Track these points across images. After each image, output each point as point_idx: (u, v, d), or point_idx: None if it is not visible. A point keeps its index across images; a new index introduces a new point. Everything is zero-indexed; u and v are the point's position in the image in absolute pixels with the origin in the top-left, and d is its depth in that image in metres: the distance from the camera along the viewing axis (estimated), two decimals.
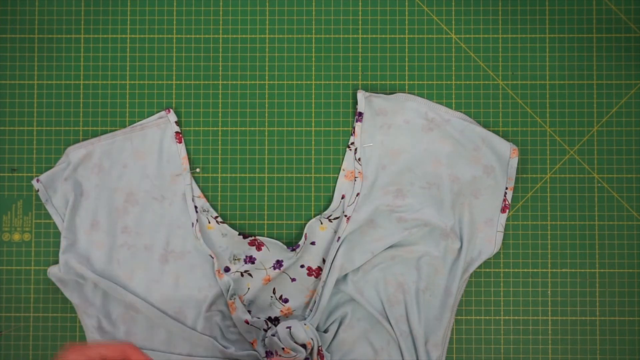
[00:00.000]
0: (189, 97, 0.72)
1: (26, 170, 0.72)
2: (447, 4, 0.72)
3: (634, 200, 0.72)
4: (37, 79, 0.72)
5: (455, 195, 0.69)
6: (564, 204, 0.72)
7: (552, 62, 0.72)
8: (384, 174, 0.70)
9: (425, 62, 0.72)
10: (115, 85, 0.72)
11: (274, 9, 0.72)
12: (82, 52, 0.72)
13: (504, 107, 0.72)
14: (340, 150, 0.72)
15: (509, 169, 0.69)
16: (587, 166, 0.72)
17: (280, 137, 0.72)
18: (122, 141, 0.70)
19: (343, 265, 0.68)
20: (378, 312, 0.68)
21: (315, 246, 0.70)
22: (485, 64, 0.72)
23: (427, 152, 0.70)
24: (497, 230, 0.69)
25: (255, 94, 0.72)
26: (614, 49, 0.72)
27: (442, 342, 0.68)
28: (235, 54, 0.72)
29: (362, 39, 0.72)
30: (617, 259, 0.71)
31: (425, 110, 0.70)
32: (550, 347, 0.71)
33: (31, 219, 0.72)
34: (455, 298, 0.69)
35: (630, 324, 0.71)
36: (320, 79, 0.72)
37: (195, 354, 0.68)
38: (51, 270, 0.69)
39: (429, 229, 0.69)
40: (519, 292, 0.71)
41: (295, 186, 0.72)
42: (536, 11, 0.72)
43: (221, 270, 0.69)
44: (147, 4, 0.72)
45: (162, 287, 0.69)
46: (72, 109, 0.72)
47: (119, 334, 0.69)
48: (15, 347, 0.71)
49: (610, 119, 0.72)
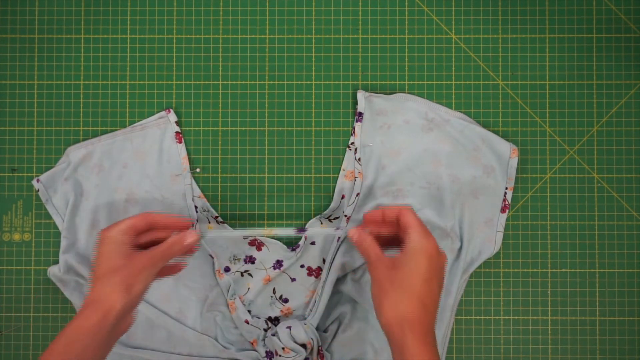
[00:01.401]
0: (189, 97, 0.72)
1: (26, 170, 0.72)
2: (447, 4, 0.72)
3: (634, 200, 0.72)
4: (37, 79, 0.72)
5: (455, 195, 0.69)
6: (564, 204, 0.72)
7: (552, 62, 0.72)
8: (384, 174, 0.70)
9: (425, 62, 0.72)
10: (115, 85, 0.72)
11: (274, 9, 0.72)
12: (82, 52, 0.72)
13: (504, 107, 0.72)
14: (340, 150, 0.72)
15: (508, 169, 0.69)
16: (587, 166, 0.72)
17: (280, 137, 0.72)
18: (122, 141, 0.70)
19: (343, 265, 0.68)
20: None
21: (315, 246, 0.70)
22: (485, 64, 0.72)
23: (427, 152, 0.70)
24: (497, 230, 0.69)
25: (255, 94, 0.72)
26: (614, 49, 0.72)
27: (442, 342, 0.68)
28: (235, 54, 0.72)
29: (362, 39, 0.72)
30: (617, 259, 0.71)
31: (425, 110, 0.70)
32: (550, 347, 0.71)
33: (31, 219, 0.72)
34: (455, 298, 0.69)
35: (630, 324, 0.71)
36: (320, 79, 0.72)
37: (195, 354, 0.68)
38: (51, 270, 0.69)
39: (429, 229, 0.69)
40: (518, 292, 0.71)
41: (295, 186, 0.72)
42: (536, 11, 0.72)
43: (221, 270, 0.69)
44: (147, 4, 0.72)
45: (162, 287, 0.69)
46: (72, 109, 0.72)
47: None
48: (15, 347, 0.71)
49: (610, 119, 0.72)
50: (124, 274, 0.55)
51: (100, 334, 0.53)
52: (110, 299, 0.54)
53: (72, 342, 0.52)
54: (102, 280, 0.55)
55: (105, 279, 0.55)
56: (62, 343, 0.52)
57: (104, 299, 0.54)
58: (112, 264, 0.55)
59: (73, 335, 0.53)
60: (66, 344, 0.52)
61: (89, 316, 0.53)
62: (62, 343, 0.52)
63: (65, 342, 0.52)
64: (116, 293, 0.54)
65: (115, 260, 0.56)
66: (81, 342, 0.52)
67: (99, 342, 0.53)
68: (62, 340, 0.52)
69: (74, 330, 0.53)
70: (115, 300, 0.54)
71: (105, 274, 0.55)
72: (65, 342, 0.52)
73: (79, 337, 0.52)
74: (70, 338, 0.53)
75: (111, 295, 0.54)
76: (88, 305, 0.54)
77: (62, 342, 0.52)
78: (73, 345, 0.52)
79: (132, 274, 0.55)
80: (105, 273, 0.55)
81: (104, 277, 0.55)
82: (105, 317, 0.53)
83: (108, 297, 0.54)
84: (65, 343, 0.52)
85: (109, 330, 0.54)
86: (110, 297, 0.54)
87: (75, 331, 0.53)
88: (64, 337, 0.53)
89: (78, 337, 0.52)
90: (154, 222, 0.59)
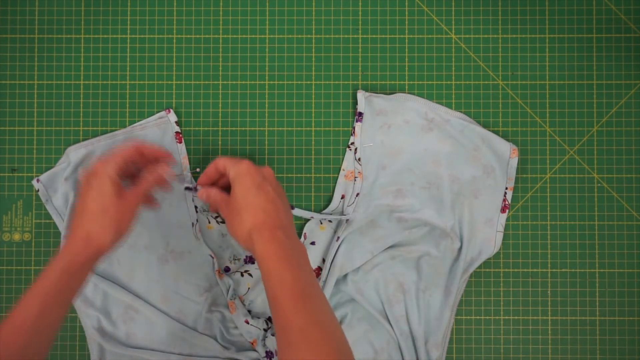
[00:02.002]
0: (189, 97, 0.72)
1: (26, 170, 0.72)
2: (447, 4, 0.72)
3: (634, 200, 0.72)
4: (37, 79, 0.72)
5: (455, 195, 0.69)
6: (564, 204, 0.72)
7: (552, 62, 0.72)
8: (384, 174, 0.70)
9: (425, 62, 0.72)
10: (115, 85, 0.72)
11: (274, 9, 0.72)
12: (82, 52, 0.72)
13: (504, 107, 0.72)
14: (340, 150, 0.72)
15: (508, 169, 0.69)
16: (587, 166, 0.72)
17: (280, 137, 0.72)
18: (123, 141, 0.70)
19: (343, 265, 0.68)
20: (378, 312, 0.68)
21: (315, 246, 0.70)
22: (485, 64, 0.72)
23: (427, 152, 0.70)
24: (497, 230, 0.69)
25: (255, 94, 0.72)
26: (614, 49, 0.72)
27: (442, 342, 0.68)
28: (235, 54, 0.72)
29: (362, 39, 0.72)
30: (617, 259, 0.71)
31: (425, 111, 0.70)
32: (550, 347, 0.71)
33: (31, 219, 0.72)
34: (455, 298, 0.69)
35: (630, 324, 0.71)
36: (320, 79, 0.72)
37: (195, 354, 0.68)
38: None
39: (429, 228, 0.69)
40: (518, 292, 0.71)
41: (295, 186, 0.72)
42: (536, 11, 0.72)
43: (221, 270, 0.69)
44: (147, 4, 0.72)
45: (162, 287, 0.69)
46: (72, 109, 0.72)
47: (119, 334, 0.69)
48: None
49: (610, 119, 0.72)
50: (114, 214, 0.58)
51: (88, 268, 0.58)
52: (102, 237, 0.57)
53: (66, 273, 0.56)
54: (93, 217, 0.58)
55: (97, 217, 0.58)
56: (57, 271, 0.55)
57: (96, 238, 0.57)
58: (105, 201, 0.58)
59: (68, 267, 0.56)
60: (62, 273, 0.56)
61: (82, 252, 0.57)
62: (57, 271, 0.55)
63: (60, 272, 0.56)
64: (107, 233, 0.57)
65: (107, 198, 0.58)
66: (73, 275, 0.56)
67: (84, 276, 0.58)
68: (58, 270, 0.56)
69: (69, 263, 0.56)
70: (107, 240, 0.58)
71: (97, 212, 0.58)
72: (61, 272, 0.55)
73: (72, 270, 0.56)
74: (65, 270, 0.56)
75: (103, 234, 0.57)
76: (80, 241, 0.57)
77: (58, 271, 0.56)
78: (67, 275, 0.56)
79: (121, 214, 0.59)
80: (97, 211, 0.58)
81: (95, 215, 0.58)
82: (96, 254, 0.57)
83: (100, 235, 0.57)
84: (60, 272, 0.56)
85: (94, 265, 0.58)
86: (102, 236, 0.57)
87: (70, 265, 0.56)
88: (59, 269, 0.56)
89: (70, 269, 0.56)
90: (144, 151, 0.62)
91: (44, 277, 0.55)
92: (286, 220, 0.59)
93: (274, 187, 0.60)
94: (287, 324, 0.52)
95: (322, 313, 0.53)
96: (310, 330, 0.51)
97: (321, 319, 0.53)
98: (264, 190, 0.59)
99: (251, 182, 0.59)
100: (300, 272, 0.55)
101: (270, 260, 0.55)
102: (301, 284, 0.54)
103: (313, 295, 0.54)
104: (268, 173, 0.61)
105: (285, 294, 0.54)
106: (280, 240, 0.56)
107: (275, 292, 0.54)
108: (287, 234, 0.57)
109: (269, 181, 0.60)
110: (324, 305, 0.55)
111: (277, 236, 0.56)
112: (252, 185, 0.59)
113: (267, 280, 0.55)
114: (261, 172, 0.60)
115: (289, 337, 0.52)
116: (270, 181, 0.60)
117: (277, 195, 0.59)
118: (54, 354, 0.71)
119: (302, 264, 0.56)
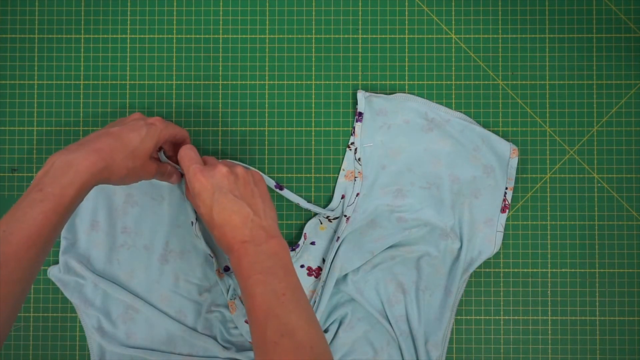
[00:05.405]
0: (189, 97, 0.72)
1: (26, 170, 0.72)
2: (447, 4, 0.72)
3: (634, 200, 0.72)
4: (37, 79, 0.72)
5: (455, 195, 0.69)
6: (564, 204, 0.72)
7: (552, 62, 0.72)
8: (384, 174, 0.70)
9: (425, 62, 0.72)
10: (115, 85, 0.72)
11: (274, 9, 0.72)
12: (82, 52, 0.72)
13: (504, 107, 0.72)
14: (340, 150, 0.72)
15: (508, 169, 0.69)
16: (587, 166, 0.72)
17: (280, 137, 0.72)
18: None
19: (343, 265, 0.68)
20: (378, 312, 0.68)
21: (315, 246, 0.70)
22: (485, 64, 0.72)
23: (427, 152, 0.70)
24: (497, 230, 0.69)
25: (255, 94, 0.72)
26: (614, 49, 0.72)
27: (442, 342, 0.68)
28: (235, 54, 0.72)
29: (362, 39, 0.72)
30: (617, 259, 0.71)
31: (425, 110, 0.70)
32: (550, 347, 0.71)
33: None
34: (455, 298, 0.69)
35: (630, 324, 0.71)
36: (320, 79, 0.72)
37: (195, 354, 0.68)
38: (51, 270, 0.69)
39: (429, 228, 0.69)
40: (518, 292, 0.71)
41: (295, 186, 0.72)
42: (536, 11, 0.72)
43: (221, 270, 0.69)
44: (147, 4, 0.72)
45: (162, 287, 0.69)
46: (72, 109, 0.72)
47: (119, 334, 0.69)
48: (15, 347, 0.71)
49: (610, 119, 0.72)
50: (133, 172, 0.59)
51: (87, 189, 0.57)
52: (116, 180, 0.58)
53: (84, 186, 0.55)
54: (117, 160, 0.57)
55: (117, 148, 0.58)
56: (75, 188, 0.55)
57: (112, 178, 0.58)
58: (134, 147, 0.58)
59: (90, 182, 0.56)
60: (80, 190, 0.55)
61: (100, 179, 0.57)
62: (75, 188, 0.55)
63: (78, 188, 0.55)
64: (119, 166, 0.58)
65: (140, 148, 0.59)
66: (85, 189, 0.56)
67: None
68: (76, 185, 0.55)
69: (89, 179, 0.56)
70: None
71: (119, 145, 0.58)
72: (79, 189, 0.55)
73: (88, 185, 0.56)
74: (87, 185, 0.56)
75: (118, 178, 0.58)
76: (101, 171, 0.56)
77: (76, 186, 0.55)
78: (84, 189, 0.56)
79: (135, 175, 0.60)
80: (121, 160, 0.58)
81: (120, 161, 0.58)
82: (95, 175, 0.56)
83: (116, 179, 0.58)
84: (78, 189, 0.55)
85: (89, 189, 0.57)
86: (117, 179, 0.58)
87: (88, 182, 0.56)
88: (79, 182, 0.55)
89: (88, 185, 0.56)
90: (181, 143, 0.65)
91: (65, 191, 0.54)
92: (258, 228, 0.57)
93: (241, 188, 0.59)
94: (259, 339, 0.52)
95: (294, 322, 0.52)
96: (282, 342, 0.51)
97: (292, 328, 0.52)
98: (220, 205, 0.57)
99: (211, 196, 0.57)
100: (270, 283, 0.54)
101: (240, 276, 0.55)
102: (268, 297, 0.54)
103: (285, 303, 0.53)
104: (223, 176, 0.59)
105: (256, 308, 0.53)
106: (248, 254, 0.56)
107: (247, 306, 0.55)
108: (257, 242, 0.56)
109: (229, 188, 0.58)
110: (299, 311, 0.54)
111: (246, 251, 0.56)
112: (210, 202, 0.57)
113: (241, 295, 0.55)
114: (215, 181, 0.58)
115: (263, 351, 0.52)
116: (231, 187, 0.58)
117: (243, 202, 0.58)
118: (54, 354, 0.71)
119: (276, 271, 0.55)
